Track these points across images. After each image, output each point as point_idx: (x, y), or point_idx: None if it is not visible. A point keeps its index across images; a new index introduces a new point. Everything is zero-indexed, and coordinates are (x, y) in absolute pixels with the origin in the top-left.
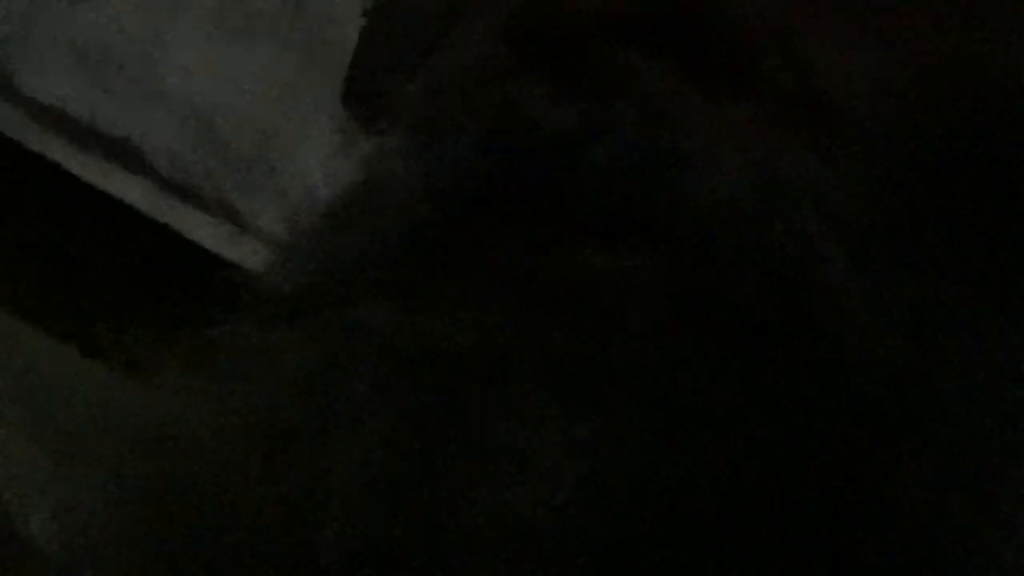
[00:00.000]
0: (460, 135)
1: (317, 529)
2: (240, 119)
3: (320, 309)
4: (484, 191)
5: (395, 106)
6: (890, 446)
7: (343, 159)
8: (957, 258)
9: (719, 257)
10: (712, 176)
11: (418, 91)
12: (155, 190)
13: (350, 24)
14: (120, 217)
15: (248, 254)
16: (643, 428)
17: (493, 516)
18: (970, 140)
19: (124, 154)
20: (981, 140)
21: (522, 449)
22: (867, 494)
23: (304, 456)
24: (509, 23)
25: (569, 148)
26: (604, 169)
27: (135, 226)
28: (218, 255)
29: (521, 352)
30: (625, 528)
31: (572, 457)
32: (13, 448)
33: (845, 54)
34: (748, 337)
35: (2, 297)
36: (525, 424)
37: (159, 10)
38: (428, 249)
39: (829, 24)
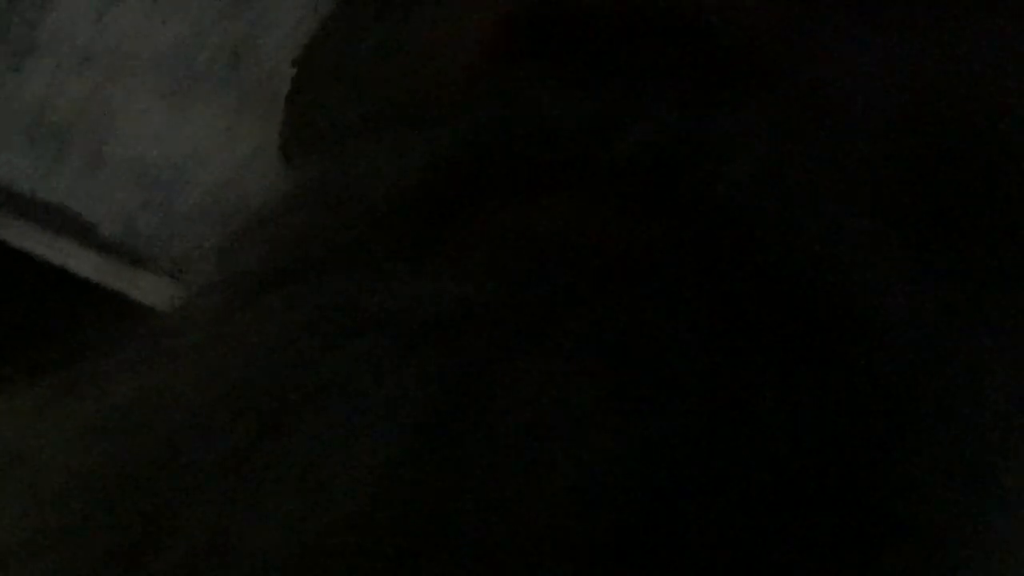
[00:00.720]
0: (447, 123)
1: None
2: (186, 178)
3: (285, 283)
4: (475, 169)
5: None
6: (917, 435)
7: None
8: (963, 253)
9: (745, 234)
10: (733, 164)
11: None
12: (103, 257)
13: (282, 77)
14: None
15: None
16: (653, 404)
17: (527, 488)
18: (967, 140)
19: (70, 222)
20: (976, 141)
21: (538, 423)
22: (891, 485)
23: (303, 429)
24: (514, 14)
25: (581, 138)
26: (621, 156)
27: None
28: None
29: (514, 313)
30: (658, 509)
31: (585, 431)
32: None
33: (849, 52)
34: (771, 316)
35: None
36: (532, 397)
37: (101, 77)
38: (404, 219)
39: (833, 23)
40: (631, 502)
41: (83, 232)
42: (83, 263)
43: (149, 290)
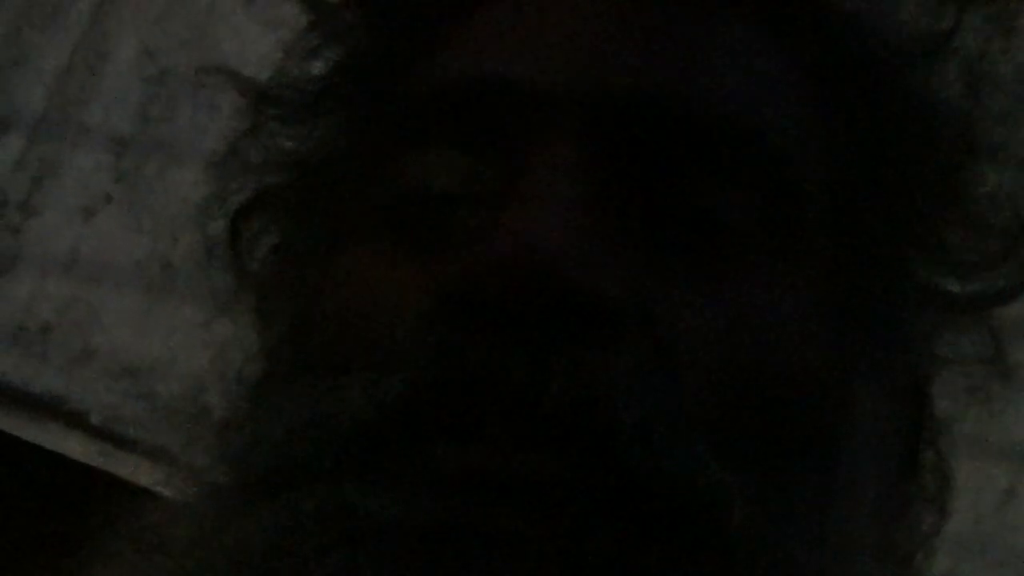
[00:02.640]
0: (394, 372)
1: None
2: (167, 369)
3: (290, 490)
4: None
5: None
6: None
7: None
8: (773, 468)
9: (636, 467)
10: (623, 411)
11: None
12: (93, 441)
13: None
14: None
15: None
16: None
17: None
18: (767, 381)
19: (60, 412)
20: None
21: None
22: None
23: None
24: (450, 287)
25: (507, 392)
26: (535, 397)
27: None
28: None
29: (456, 535)
30: None
31: None
32: None
33: (692, 315)
34: (656, 528)
35: None
36: None
37: (83, 278)
38: (361, 448)
39: (680, 291)
40: None
41: (73, 419)
42: (74, 447)
43: (138, 471)
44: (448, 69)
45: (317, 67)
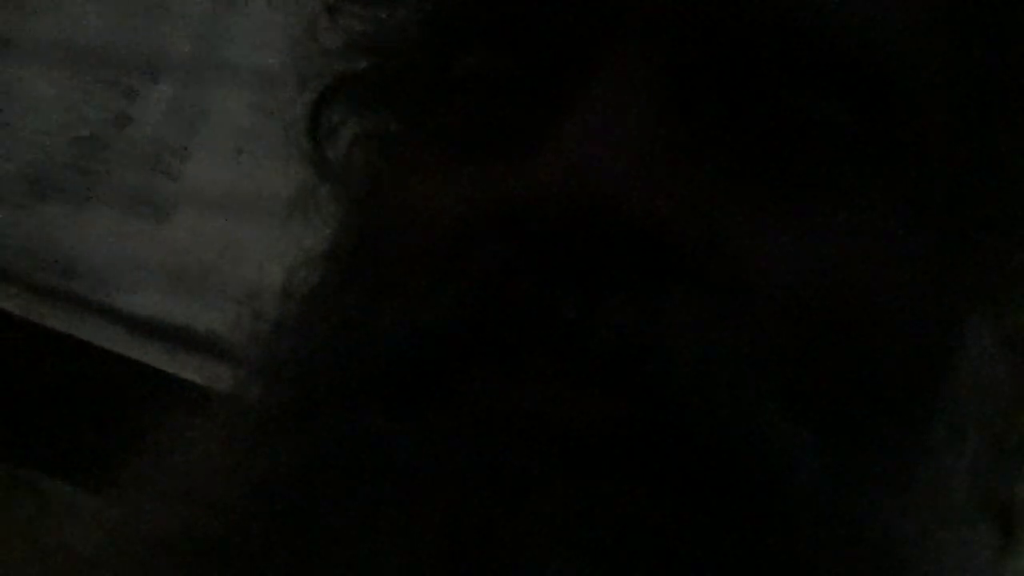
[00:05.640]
0: (433, 296)
1: None
2: None
3: (316, 415)
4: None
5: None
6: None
7: None
8: (846, 424)
9: (691, 415)
10: (678, 354)
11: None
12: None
13: None
14: None
15: None
16: (623, 563)
17: None
18: (847, 327)
19: (224, 352)
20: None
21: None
22: None
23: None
24: (498, 208)
25: (554, 324)
26: (586, 335)
27: None
28: None
29: (497, 479)
30: None
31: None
32: None
33: (768, 247)
34: (708, 482)
35: None
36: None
37: (240, 218)
38: (398, 376)
39: (754, 218)
40: None
41: (220, 351)
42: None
43: None
44: None
45: None
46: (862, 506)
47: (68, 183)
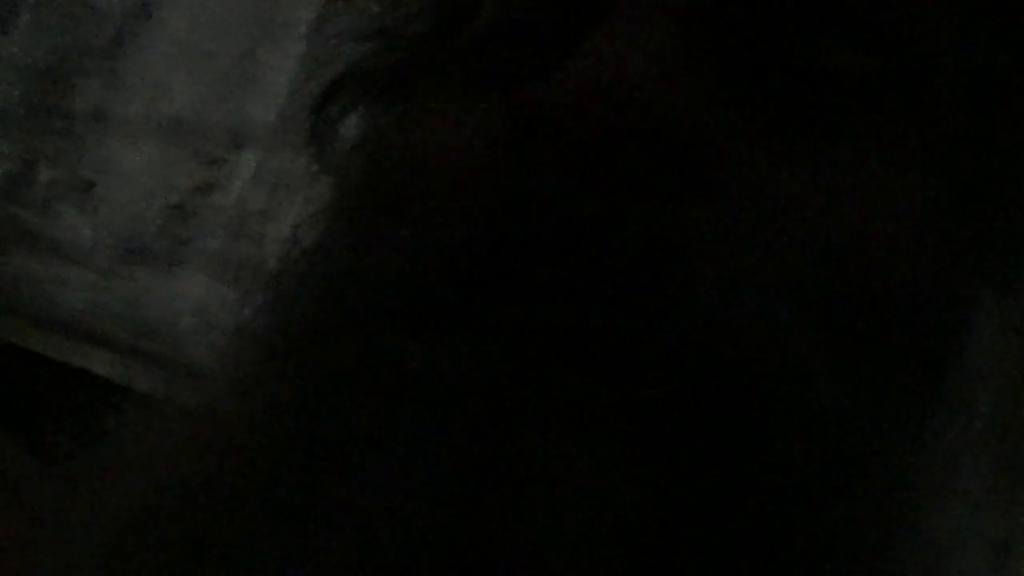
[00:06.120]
0: (459, 212)
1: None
2: None
3: (336, 338)
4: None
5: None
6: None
7: None
8: (863, 346)
9: (715, 327)
10: (703, 268)
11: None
12: None
13: None
14: None
15: None
16: (646, 467)
17: (556, 538)
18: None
19: None
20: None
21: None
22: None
23: (347, 482)
24: (521, 117)
25: (582, 242)
26: (614, 252)
27: None
28: None
29: (528, 394)
30: (661, 553)
31: (602, 490)
32: None
33: (787, 178)
34: (727, 392)
35: None
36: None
37: None
38: (421, 296)
39: (774, 149)
40: (641, 547)
41: None
42: None
43: None
44: None
45: None
46: (875, 441)
47: (158, 250)
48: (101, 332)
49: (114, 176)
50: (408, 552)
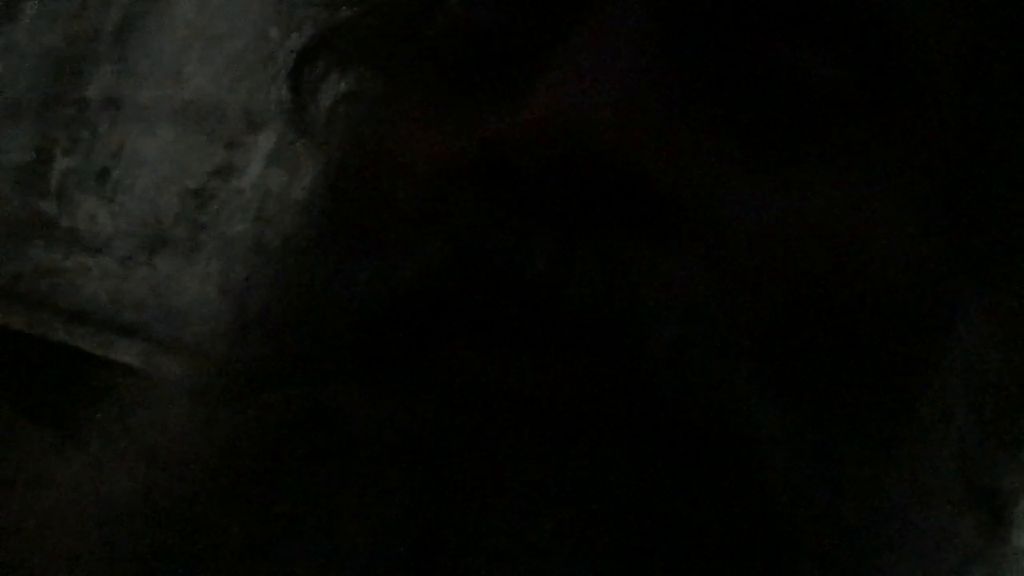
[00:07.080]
0: (406, 254)
1: None
2: None
3: (284, 385)
4: (440, 302)
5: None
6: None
7: None
8: (824, 399)
9: (667, 385)
10: (659, 322)
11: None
12: None
13: None
14: None
15: None
16: (602, 527)
17: None
18: (829, 294)
19: None
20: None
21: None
22: None
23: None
24: (480, 153)
25: (530, 289)
26: (560, 301)
27: None
28: None
29: (482, 452)
30: None
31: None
32: None
33: (753, 205)
34: (685, 453)
35: None
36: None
37: None
38: (365, 342)
39: (741, 173)
40: None
41: None
42: None
43: None
44: None
45: None
46: (839, 481)
47: (177, 236)
48: (126, 321)
49: (130, 163)
50: None
